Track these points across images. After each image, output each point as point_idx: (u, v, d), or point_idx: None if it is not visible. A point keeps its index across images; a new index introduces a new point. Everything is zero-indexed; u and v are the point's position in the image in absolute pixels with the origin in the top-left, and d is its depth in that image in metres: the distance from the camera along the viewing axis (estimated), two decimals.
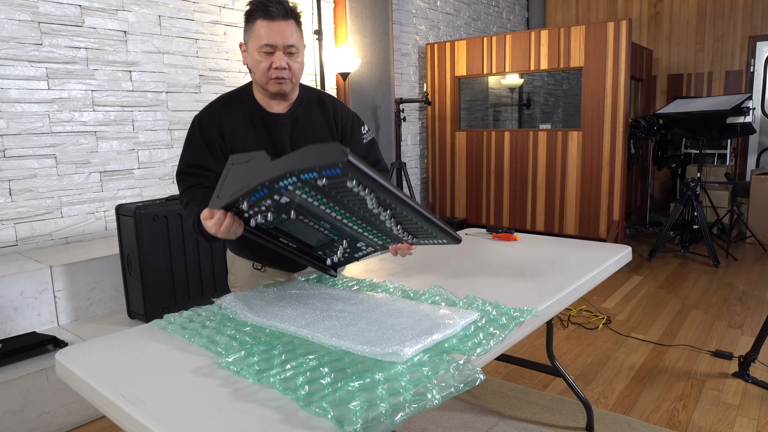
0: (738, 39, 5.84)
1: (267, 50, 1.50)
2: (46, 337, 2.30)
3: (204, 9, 3.51)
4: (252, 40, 1.52)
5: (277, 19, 1.49)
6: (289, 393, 0.96)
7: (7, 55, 2.68)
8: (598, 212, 4.66)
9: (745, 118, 4.60)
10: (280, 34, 1.50)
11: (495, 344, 1.17)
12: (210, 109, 1.60)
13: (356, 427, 0.85)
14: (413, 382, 0.99)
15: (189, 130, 1.60)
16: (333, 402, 0.92)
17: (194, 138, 1.58)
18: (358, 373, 1.02)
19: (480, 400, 2.38)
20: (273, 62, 1.51)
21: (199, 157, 1.57)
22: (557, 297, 1.50)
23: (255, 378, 1.03)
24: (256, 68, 1.53)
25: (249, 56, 1.56)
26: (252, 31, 1.52)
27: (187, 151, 1.59)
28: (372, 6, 4.60)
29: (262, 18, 1.49)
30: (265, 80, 1.54)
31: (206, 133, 1.57)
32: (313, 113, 1.68)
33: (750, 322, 3.21)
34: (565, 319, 3.33)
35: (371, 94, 4.72)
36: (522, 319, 1.31)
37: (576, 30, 4.57)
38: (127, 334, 1.30)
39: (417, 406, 0.93)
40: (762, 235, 5.02)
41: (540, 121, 6.26)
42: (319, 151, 1.06)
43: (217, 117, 1.58)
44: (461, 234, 2.33)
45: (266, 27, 1.49)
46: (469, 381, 1.01)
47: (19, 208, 2.78)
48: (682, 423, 2.19)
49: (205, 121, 1.58)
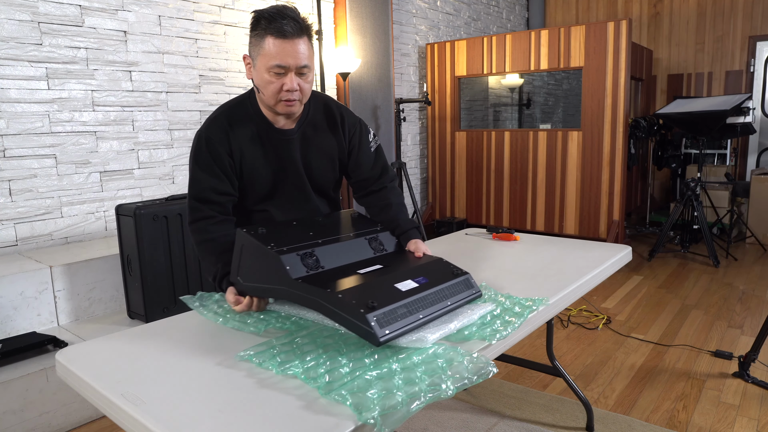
0: (738, 39, 5.84)
1: (278, 71, 1.42)
2: (46, 337, 2.30)
3: (204, 9, 3.51)
4: (261, 57, 1.42)
5: (290, 38, 1.40)
6: (311, 382, 1.01)
7: (7, 55, 2.68)
8: (598, 212, 4.66)
9: (745, 118, 4.60)
10: (292, 54, 1.40)
11: (512, 330, 1.25)
12: (215, 127, 1.52)
13: (374, 414, 0.89)
14: (428, 372, 1.03)
15: (195, 150, 1.53)
16: (352, 390, 0.97)
17: (203, 159, 1.51)
18: (375, 363, 1.07)
19: (480, 400, 2.38)
20: (284, 84, 1.43)
21: (213, 181, 1.51)
22: (557, 297, 1.50)
23: (278, 369, 1.07)
24: (265, 89, 1.45)
25: (256, 73, 1.46)
26: (261, 48, 1.42)
27: (198, 174, 1.52)
28: (372, 6, 4.60)
29: (274, 36, 1.39)
30: (274, 102, 1.47)
31: (215, 154, 1.51)
32: (321, 127, 1.63)
33: (750, 322, 3.21)
34: (565, 319, 3.33)
35: (371, 94, 4.72)
36: (535, 308, 1.37)
37: (576, 30, 4.57)
38: (127, 334, 1.30)
39: (432, 396, 0.96)
40: (762, 235, 5.02)
41: (540, 121, 6.26)
42: (357, 329, 1.13)
43: (224, 136, 1.51)
44: (461, 234, 2.33)
45: (278, 46, 1.39)
46: (482, 373, 1.04)
47: (19, 208, 2.78)
48: (682, 423, 2.19)
49: (212, 140, 1.51)
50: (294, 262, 1.27)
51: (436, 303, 1.25)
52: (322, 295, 1.18)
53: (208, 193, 1.51)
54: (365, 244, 1.47)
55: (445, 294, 1.29)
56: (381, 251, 1.50)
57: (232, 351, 1.19)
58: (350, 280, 1.25)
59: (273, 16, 1.39)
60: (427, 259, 1.45)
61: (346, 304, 1.13)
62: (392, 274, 1.31)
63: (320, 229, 1.46)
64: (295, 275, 1.26)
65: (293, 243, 1.33)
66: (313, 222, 1.51)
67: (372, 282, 1.25)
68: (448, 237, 2.28)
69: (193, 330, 1.32)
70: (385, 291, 1.21)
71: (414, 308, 1.20)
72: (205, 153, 1.50)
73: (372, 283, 1.25)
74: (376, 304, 1.13)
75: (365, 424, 0.89)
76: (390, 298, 1.18)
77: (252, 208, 1.62)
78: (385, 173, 1.73)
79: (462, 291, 1.34)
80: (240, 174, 1.55)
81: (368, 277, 1.28)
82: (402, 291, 1.23)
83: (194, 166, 1.52)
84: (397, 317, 1.15)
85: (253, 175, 1.56)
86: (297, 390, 1.00)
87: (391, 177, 1.74)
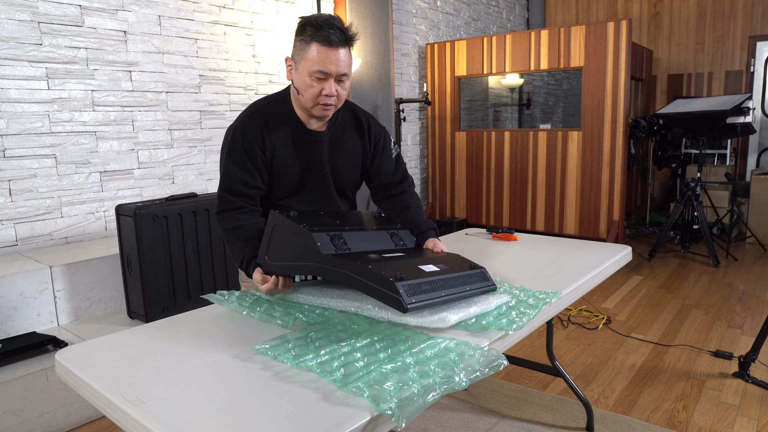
0: (738, 39, 5.84)
1: (320, 77, 1.49)
2: (46, 337, 2.30)
3: (204, 9, 3.51)
4: (304, 61, 1.49)
5: (335, 47, 1.47)
6: (326, 375, 1.04)
7: (7, 55, 2.68)
8: (598, 212, 4.66)
9: (745, 118, 4.60)
10: (335, 62, 1.48)
11: (528, 321, 1.30)
12: (251, 123, 1.59)
13: (391, 405, 0.91)
14: (441, 365, 1.07)
15: (230, 143, 1.59)
16: (368, 383, 0.99)
17: (238, 154, 1.57)
18: (389, 358, 1.10)
19: (480, 400, 2.38)
20: (324, 89, 1.50)
21: (245, 175, 1.58)
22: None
23: (293, 362, 1.09)
24: (305, 91, 1.52)
25: (298, 76, 1.54)
26: (306, 52, 1.49)
27: (231, 167, 1.58)
28: (372, 6, 4.60)
29: (319, 43, 1.46)
30: (312, 104, 1.54)
31: (249, 149, 1.57)
32: (350, 131, 1.72)
33: (750, 322, 3.21)
34: (565, 319, 3.33)
35: (371, 94, 4.72)
36: (549, 301, 1.42)
37: (576, 30, 4.57)
38: (127, 334, 1.30)
39: (446, 387, 0.99)
40: (762, 235, 5.02)
41: (540, 121, 6.26)
42: (384, 297, 1.21)
43: (259, 133, 1.58)
44: (461, 234, 2.34)
45: (323, 53, 1.47)
46: (493, 365, 1.07)
47: (19, 208, 2.78)
48: (682, 423, 2.19)
49: (248, 136, 1.57)
50: (324, 240, 1.36)
51: (456, 286, 1.33)
52: (351, 267, 1.26)
53: (240, 186, 1.58)
54: (387, 237, 1.56)
55: (463, 281, 1.37)
56: (401, 245, 1.58)
57: (232, 351, 1.19)
58: (377, 258, 1.34)
59: (320, 24, 1.46)
60: (445, 254, 1.54)
61: (376, 274, 1.21)
62: (415, 259, 1.40)
63: (346, 219, 1.55)
64: (325, 252, 1.33)
65: (323, 225, 1.42)
66: (339, 213, 1.60)
67: (398, 261, 1.34)
68: (448, 237, 2.28)
69: (193, 330, 1.32)
70: (410, 269, 1.30)
71: (437, 286, 1.28)
72: (239, 148, 1.57)
73: (398, 262, 1.34)
74: (404, 275, 1.22)
75: (381, 415, 0.91)
76: (415, 274, 1.27)
77: (276, 202, 1.69)
78: (405, 179, 1.83)
79: (478, 281, 1.41)
80: (270, 169, 1.62)
81: (393, 259, 1.37)
82: (426, 271, 1.31)
83: (227, 159, 1.58)
84: (423, 291, 1.23)
85: (282, 171, 1.63)
86: (313, 383, 1.02)
87: (410, 182, 1.84)
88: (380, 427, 0.93)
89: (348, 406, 0.93)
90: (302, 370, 1.08)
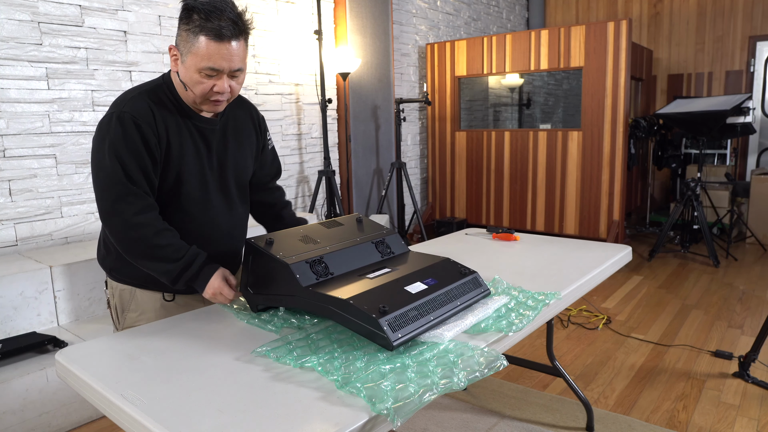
0: (738, 39, 5.84)
1: (210, 73, 1.31)
2: (46, 337, 2.30)
3: None
4: (192, 56, 1.30)
5: (227, 41, 1.28)
6: (327, 375, 1.05)
7: (7, 55, 2.68)
8: (598, 212, 4.66)
9: (745, 118, 4.60)
10: (228, 58, 1.29)
11: (527, 323, 1.29)
12: (138, 106, 1.34)
13: (387, 405, 0.92)
14: (440, 366, 1.07)
15: (114, 130, 1.31)
16: (366, 382, 1.00)
17: (130, 138, 1.31)
18: (389, 359, 1.10)
19: (480, 400, 2.38)
20: (215, 86, 1.33)
21: (145, 163, 1.33)
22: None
23: (295, 363, 1.10)
24: (193, 87, 1.34)
25: (184, 70, 1.33)
26: (193, 45, 1.29)
27: (124, 155, 1.30)
28: (372, 6, 4.60)
29: (208, 37, 1.27)
30: (201, 101, 1.37)
31: (141, 132, 1.32)
32: (239, 114, 1.56)
33: (750, 322, 3.21)
34: (565, 319, 3.33)
35: (371, 94, 4.72)
36: (547, 302, 1.41)
37: (576, 30, 4.57)
38: (127, 334, 1.30)
39: (444, 387, 0.99)
40: (762, 235, 5.01)
41: (540, 121, 6.26)
42: (369, 334, 1.15)
43: (150, 114, 1.35)
44: (461, 234, 2.33)
45: (213, 48, 1.28)
46: (492, 366, 1.07)
47: (19, 208, 2.78)
48: (682, 423, 2.19)
49: (138, 119, 1.32)
50: (303, 270, 1.28)
51: (446, 303, 1.27)
52: (333, 302, 1.19)
53: (138, 174, 1.33)
54: (372, 249, 1.49)
55: (454, 294, 1.31)
56: (388, 254, 1.51)
57: (231, 351, 1.19)
58: (360, 285, 1.26)
59: (209, 14, 1.26)
60: (435, 260, 1.46)
61: (358, 309, 1.14)
62: (401, 277, 1.32)
63: (327, 235, 1.48)
64: (305, 283, 1.26)
65: (301, 251, 1.35)
66: (319, 228, 1.51)
67: (382, 286, 1.26)
68: (448, 237, 2.28)
69: (193, 330, 1.32)
70: (395, 294, 1.22)
71: (425, 310, 1.21)
72: (131, 132, 1.31)
73: (382, 287, 1.26)
74: (387, 308, 1.14)
75: (379, 415, 0.91)
76: (401, 301, 1.19)
77: (170, 208, 1.45)
78: (279, 173, 1.75)
79: (471, 290, 1.37)
80: (165, 162, 1.39)
81: (378, 282, 1.29)
82: (412, 294, 1.24)
83: (114, 148, 1.31)
84: (409, 320, 1.16)
85: (179, 163, 1.41)
86: (312, 383, 1.03)
87: (280, 176, 1.77)
88: (379, 427, 0.93)
89: (347, 407, 0.94)
90: (301, 370, 1.08)
